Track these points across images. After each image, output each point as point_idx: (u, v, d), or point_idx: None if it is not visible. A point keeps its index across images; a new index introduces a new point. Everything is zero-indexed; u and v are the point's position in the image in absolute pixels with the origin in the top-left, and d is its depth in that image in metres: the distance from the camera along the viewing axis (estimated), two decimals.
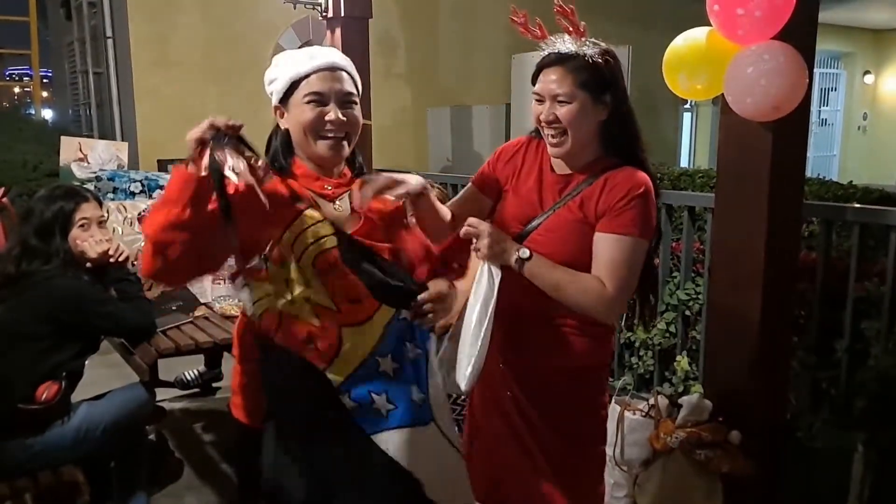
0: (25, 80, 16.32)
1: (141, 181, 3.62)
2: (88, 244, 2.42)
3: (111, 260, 2.46)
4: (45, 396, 2.26)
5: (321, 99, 1.50)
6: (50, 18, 7.70)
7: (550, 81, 1.59)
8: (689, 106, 9.93)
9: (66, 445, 2.31)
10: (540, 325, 1.67)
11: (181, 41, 5.88)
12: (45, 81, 9.20)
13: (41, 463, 2.29)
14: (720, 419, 2.19)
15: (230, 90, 5.83)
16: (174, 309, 2.88)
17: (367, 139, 3.89)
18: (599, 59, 1.57)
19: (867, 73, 12.30)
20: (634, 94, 1.85)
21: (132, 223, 3.16)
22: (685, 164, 9.55)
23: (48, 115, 8.33)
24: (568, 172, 1.67)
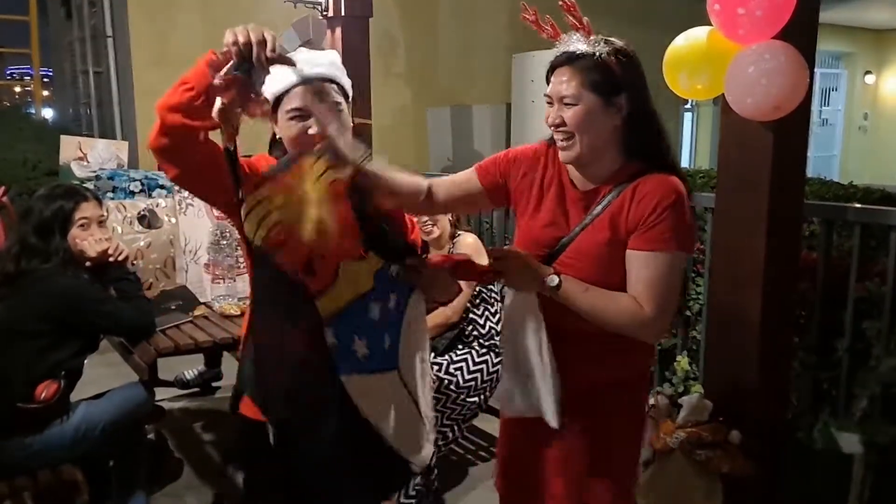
0: (26, 79, 16.35)
1: (141, 180, 3.61)
2: (88, 243, 2.42)
3: (110, 259, 2.46)
4: (44, 395, 2.26)
5: (303, 114, 1.53)
6: (50, 17, 7.69)
7: (559, 83, 1.49)
8: (689, 106, 9.94)
9: (65, 444, 2.31)
10: (577, 342, 1.56)
11: (181, 40, 5.86)
12: (45, 80, 9.17)
13: (40, 462, 2.29)
14: (720, 419, 2.18)
15: None
16: (173, 308, 2.87)
17: (367, 139, 3.89)
18: (611, 57, 1.46)
19: (868, 73, 12.31)
20: None
21: (132, 222, 3.15)
22: (686, 164, 9.54)
23: (48, 114, 8.31)
24: (591, 188, 1.55)
